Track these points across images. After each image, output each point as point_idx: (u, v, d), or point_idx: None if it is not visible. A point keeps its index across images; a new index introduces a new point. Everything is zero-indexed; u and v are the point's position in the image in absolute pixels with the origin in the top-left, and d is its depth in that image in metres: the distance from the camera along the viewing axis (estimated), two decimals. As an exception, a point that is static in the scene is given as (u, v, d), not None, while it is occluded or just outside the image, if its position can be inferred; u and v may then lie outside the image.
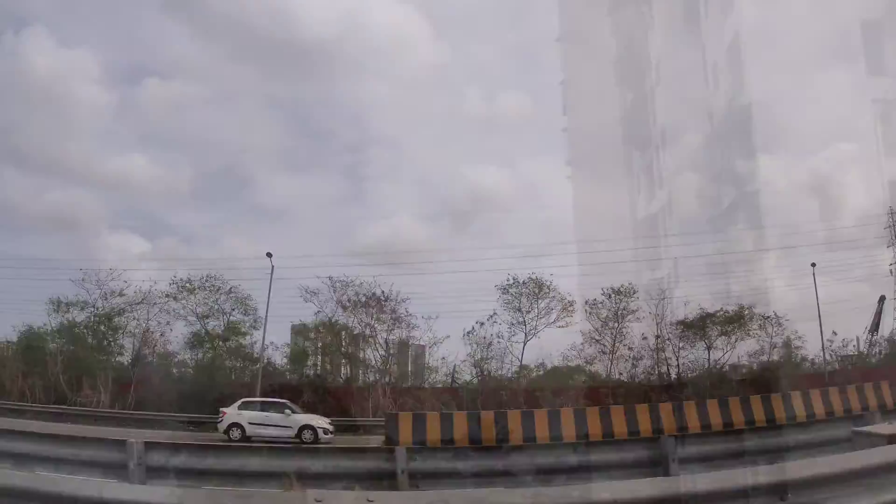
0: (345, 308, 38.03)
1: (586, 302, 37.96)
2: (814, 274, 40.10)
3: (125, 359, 40.11)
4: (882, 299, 42.93)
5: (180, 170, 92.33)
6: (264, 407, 26.08)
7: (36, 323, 39.77)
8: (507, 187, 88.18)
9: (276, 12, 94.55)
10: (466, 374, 38.16)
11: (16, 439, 8.93)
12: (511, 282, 38.06)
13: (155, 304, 40.01)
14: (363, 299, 37.86)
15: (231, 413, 25.30)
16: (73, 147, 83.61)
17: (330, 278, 37.68)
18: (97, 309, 39.88)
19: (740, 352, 38.06)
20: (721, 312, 37.29)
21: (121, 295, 39.77)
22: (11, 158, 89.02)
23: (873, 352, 41.03)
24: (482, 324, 37.30)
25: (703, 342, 37.70)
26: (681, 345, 38.14)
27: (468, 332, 37.26)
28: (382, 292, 37.46)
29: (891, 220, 44.99)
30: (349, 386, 37.45)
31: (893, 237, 45.29)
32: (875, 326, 41.71)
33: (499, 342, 37.55)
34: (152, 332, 39.88)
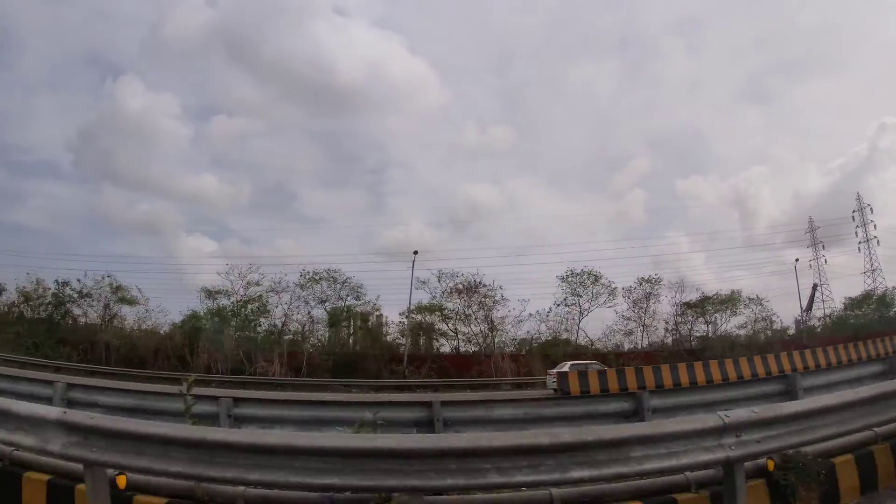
0: (459, 293, 43.99)
1: (623, 288, 46.14)
2: (795, 268, 50.49)
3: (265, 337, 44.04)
4: (815, 287, 52.62)
5: (242, 186, 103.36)
6: (585, 366, 28.04)
7: (184, 308, 45.34)
8: (495, 200, 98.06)
9: (318, 62, 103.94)
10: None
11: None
12: (569, 272, 45.67)
13: (286, 291, 44.51)
14: (463, 286, 43.81)
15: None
16: (158, 169, 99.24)
17: (439, 270, 44.11)
18: (241, 296, 44.90)
19: (734, 324, 46.81)
20: (715, 296, 46.79)
21: (257, 285, 45.20)
22: (110, 177, 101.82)
23: (809, 326, 49.69)
24: (558, 305, 45.36)
25: (703, 318, 46.11)
26: (691, 320, 46.50)
27: (547, 312, 45.01)
28: (478, 281, 43.83)
29: (810, 226, 55.26)
30: (464, 354, 42.51)
31: (812, 240, 55.31)
32: (809, 307, 51.03)
33: (569, 318, 45.32)
34: (292, 314, 44.63)
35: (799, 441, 5.03)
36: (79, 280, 46.38)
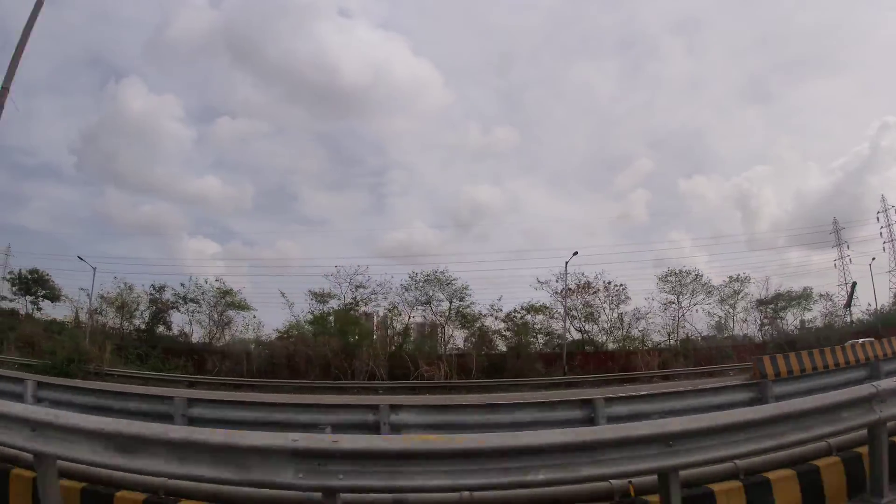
0: (579, 291, 44.28)
1: (714, 286, 46.84)
2: (870, 266, 51.19)
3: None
4: (854, 284, 52.69)
5: (244, 188, 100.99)
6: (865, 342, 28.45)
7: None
8: (497, 201, 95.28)
9: (321, 63, 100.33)
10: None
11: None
12: (668, 271, 46.64)
13: (391, 292, 43.13)
14: (581, 285, 44.05)
15: None
16: (161, 171, 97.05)
17: (560, 271, 44.16)
18: (353, 299, 43.20)
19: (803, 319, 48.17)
20: (786, 293, 47.92)
21: (363, 287, 43.28)
22: (113, 180, 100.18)
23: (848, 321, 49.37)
24: (671, 303, 45.96)
25: (779, 314, 47.96)
26: (771, 315, 47.73)
27: (664, 308, 45.57)
28: (603, 280, 44.18)
29: (835, 227, 56.56)
30: (597, 352, 42.86)
31: (837, 240, 56.19)
32: (849, 303, 51.12)
33: (681, 316, 45.08)
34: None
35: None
36: (183, 284, 44.20)
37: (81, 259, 42.76)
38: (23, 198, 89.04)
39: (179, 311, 44.22)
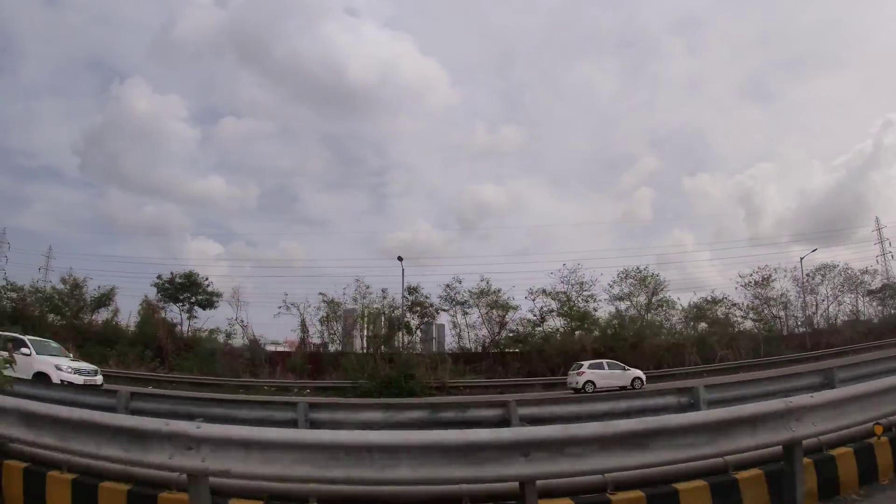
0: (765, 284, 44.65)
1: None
2: None
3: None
4: None
5: (248, 189, 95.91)
6: None
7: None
8: (500, 201, 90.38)
9: (329, 63, 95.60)
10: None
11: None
12: (821, 266, 45.73)
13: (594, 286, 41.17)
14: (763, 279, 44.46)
15: None
16: (165, 171, 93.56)
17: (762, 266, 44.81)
18: (578, 294, 40.57)
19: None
20: (892, 283, 46.24)
21: (580, 283, 40.86)
22: (117, 180, 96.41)
23: None
24: (837, 295, 45.99)
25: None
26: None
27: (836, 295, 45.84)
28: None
29: (876, 225, 50.50)
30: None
31: (879, 238, 49.66)
32: None
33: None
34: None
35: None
36: (448, 285, 40.38)
37: (400, 259, 36.69)
38: (25, 199, 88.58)
39: (443, 313, 41.56)
